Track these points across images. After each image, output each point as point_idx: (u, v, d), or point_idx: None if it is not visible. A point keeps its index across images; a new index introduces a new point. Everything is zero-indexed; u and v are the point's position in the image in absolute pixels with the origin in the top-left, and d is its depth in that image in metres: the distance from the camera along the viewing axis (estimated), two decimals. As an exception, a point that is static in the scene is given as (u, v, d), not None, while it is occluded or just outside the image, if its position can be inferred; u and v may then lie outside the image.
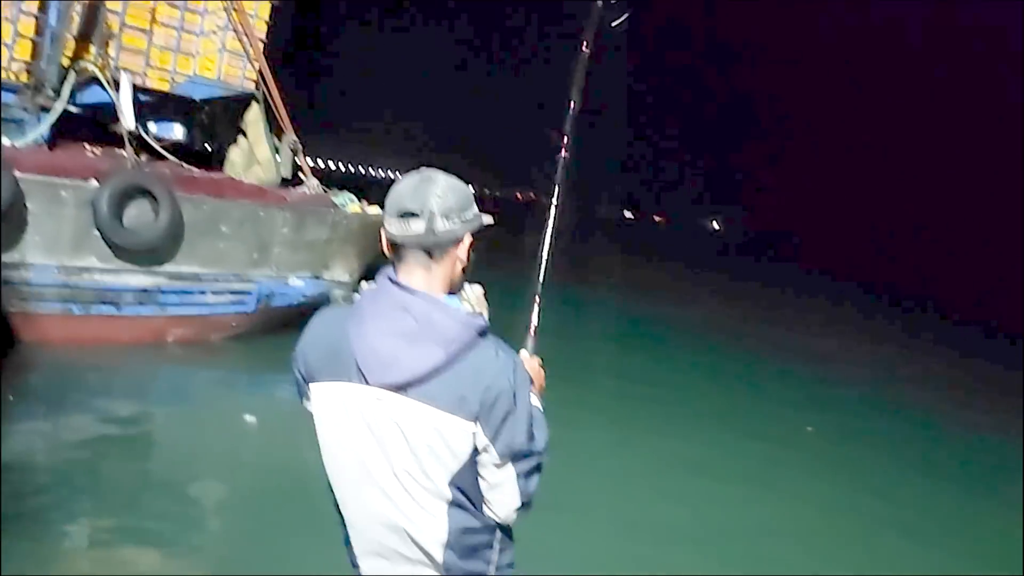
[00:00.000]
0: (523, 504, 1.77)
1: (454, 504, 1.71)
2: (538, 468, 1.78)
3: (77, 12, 8.05)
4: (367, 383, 1.68)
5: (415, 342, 1.65)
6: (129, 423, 6.04)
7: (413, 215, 1.70)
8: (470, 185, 1.87)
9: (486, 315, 1.82)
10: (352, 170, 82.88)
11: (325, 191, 9.80)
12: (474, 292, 1.86)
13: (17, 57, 7.77)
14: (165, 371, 7.45)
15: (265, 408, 6.75)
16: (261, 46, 9.43)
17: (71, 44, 8.08)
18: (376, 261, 9.98)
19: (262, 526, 4.53)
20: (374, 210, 9.90)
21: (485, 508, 1.76)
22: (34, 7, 7.80)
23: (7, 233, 6.66)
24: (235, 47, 9.28)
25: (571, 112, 2.61)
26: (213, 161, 9.82)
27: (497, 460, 1.70)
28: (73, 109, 8.07)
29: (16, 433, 5.40)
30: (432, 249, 1.72)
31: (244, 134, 9.55)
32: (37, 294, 6.98)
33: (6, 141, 7.41)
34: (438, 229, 1.70)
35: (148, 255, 7.48)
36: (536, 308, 2.29)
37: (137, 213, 7.32)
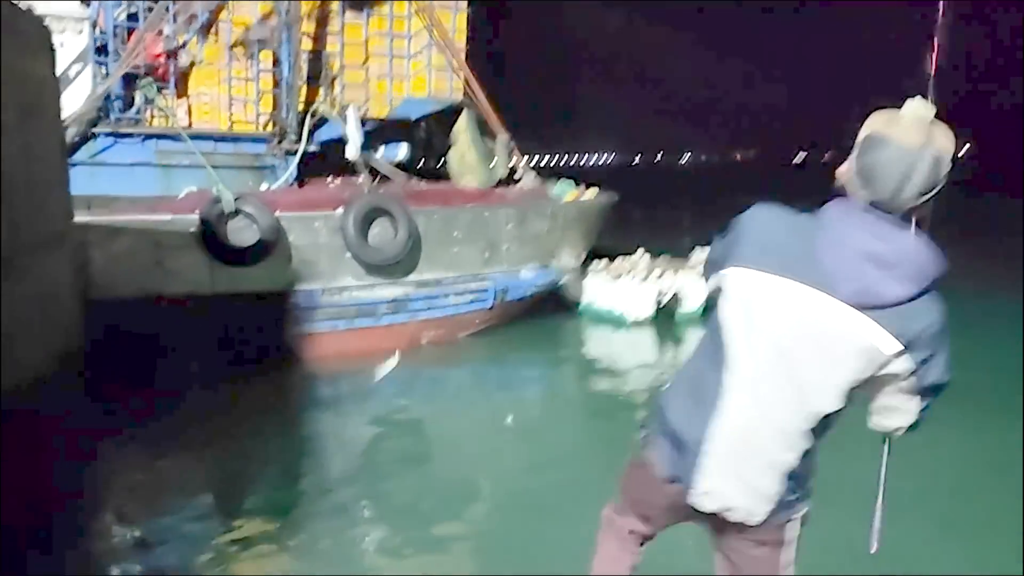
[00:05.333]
0: (914, 425, 1.95)
1: (831, 414, 1.87)
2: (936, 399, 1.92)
3: (304, 61, 8.96)
4: (826, 291, 1.80)
5: (890, 268, 1.76)
6: (401, 423, 6.60)
7: (886, 201, 1.77)
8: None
9: None
10: (567, 161, 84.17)
11: (541, 184, 10.14)
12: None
13: (262, 111, 8.79)
14: (424, 372, 8.07)
15: (516, 398, 7.15)
16: (463, 56, 9.94)
17: (303, 90, 9.02)
18: (598, 243, 10.21)
19: (528, 522, 4.59)
20: (590, 194, 10.10)
21: (874, 418, 1.98)
22: (268, 64, 8.78)
23: (278, 267, 7.56)
24: (440, 62, 9.86)
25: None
26: (436, 173, 10.48)
27: (911, 390, 1.86)
28: (312, 148, 8.97)
29: (305, 438, 6.17)
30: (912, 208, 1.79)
31: (455, 143, 10.11)
32: (308, 316, 7.85)
33: (264, 186, 8.42)
34: (906, 207, 1.77)
35: (394, 268, 8.16)
36: None
37: (379, 231, 8.02)
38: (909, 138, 1.74)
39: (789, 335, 1.85)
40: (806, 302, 1.82)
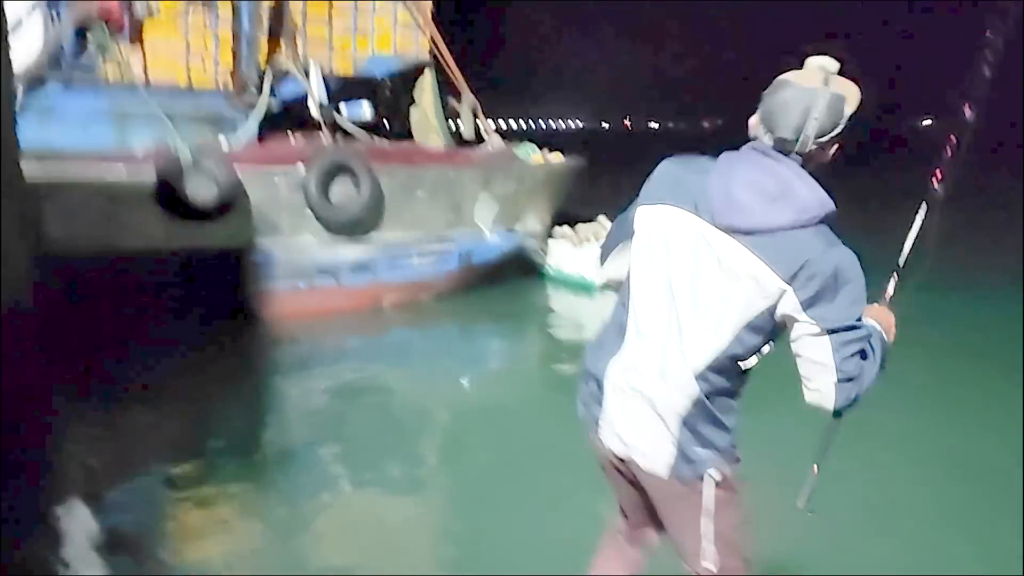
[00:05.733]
0: (842, 381, 1.84)
1: (725, 352, 1.88)
2: (861, 352, 1.85)
3: (264, 13, 8.71)
4: (711, 222, 1.88)
5: (773, 202, 1.82)
6: (365, 389, 6.53)
7: (786, 140, 1.87)
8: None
9: None
10: (535, 125, 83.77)
11: (507, 146, 10.04)
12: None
13: (221, 64, 8.55)
14: (386, 334, 8.01)
15: (481, 363, 7.14)
16: (429, 13, 9.75)
17: (263, 44, 8.77)
18: (564, 207, 10.15)
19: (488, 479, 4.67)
20: (556, 158, 10.03)
21: (805, 391, 1.91)
22: (228, 15, 8.52)
23: (236, 223, 7.40)
24: (406, 19, 9.65)
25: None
26: (400, 133, 10.31)
27: (813, 327, 1.82)
28: (273, 103, 8.76)
29: (266, 398, 6.09)
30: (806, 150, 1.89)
31: (418, 103, 9.96)
32: (268, 274, 7.72)
33: (223, 141, 8.21)
34: (808, 149, 1.88)
35: (356, 227, 8.04)
36: (904, 255, 2.29)
37: (341, 189, 7.88)
38: (809, 80, 1.87)
39: (679, 268, 1.92)
40: (694, 233, 1.90)
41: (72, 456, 4.82)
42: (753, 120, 1.94)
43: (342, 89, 9.65)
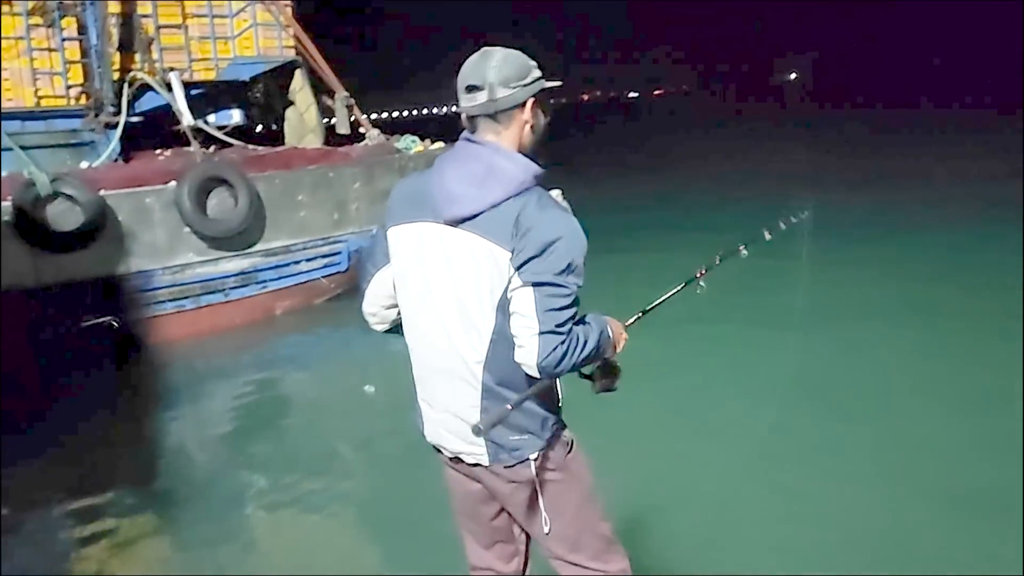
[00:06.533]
0: (544, 333, 1.83)
1: (497, 330, 1.92)
2: (566, 307, 1.85)
3: (113, 25, 8.29)
4: (439, 221, 1.95)
5: (481, 183, 1.90)
6: (261, 400, 6.40)
7: (476, 88, 1.94)
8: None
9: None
10: (420, 113, 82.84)
11: (386, 139, 9.91)
12: (555, 193, 2.02)
13: (72, 83, 8.10)
14: (280, 344, 7.81)
15: (381, 364, 7.02)
16: (290, 11, 9.50)
17: (117, 58, 8.36)
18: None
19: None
20: (438, 146, 9.97)
21: (516, 351, 1.89)
22: (73, 31, 8.06)
23: (107, 250, 7.06)
24: (266, 18, 9.37)
25: None
26: (277, 137, 10.05)
27: (518, 282, 1.86)
28: (135, 119, 8.38)
29: (164, 426, 5.84)
30: (497, 115, 1.95)
31: (294, 104, 9.72)
32: (150, 298, 7.41)
33: (84, 165, 7.81)
34: (498, 96, 1.93)
35: (238, 239, 7.79)
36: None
37: (218, 202, 7.61)
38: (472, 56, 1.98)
39: (433, 274, 1.98)
40: (427, 237, 1.98)
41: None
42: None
43: (208, 97, 9.33)
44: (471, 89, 1.95)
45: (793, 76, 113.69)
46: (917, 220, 11.12)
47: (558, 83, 2.06)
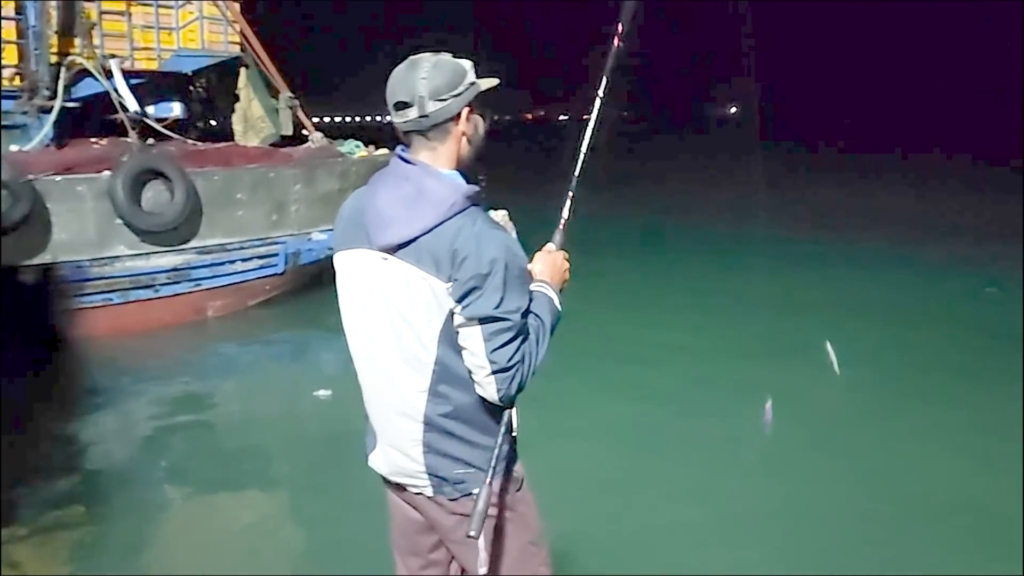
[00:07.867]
0: (496, 372, 1.77)
1: (439, 362, 1.83)
2: (512, 339, 1.77)
3: (54, 7, 8.06)
4: (374, 247, 1.84)
5: (411, 206, 1.79)
6: (188, 402, 6.23)
7: (405, 104, 1.82)
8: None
9: (512, 235, 1.91)
10: (364, 120, 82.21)
11: (330, 143, 9.85)
12: (499, 215, 1.96)
13: (7, 63, 7.84)
14: (211, 346, 7.64)
15: (312, 371, 6.96)
16: (238, 7, 9.39)
17: (55, 41, 8.12)
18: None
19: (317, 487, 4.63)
20: (382, 152, 9.94)
21: (475, 386, 1.83)
22: (11, 10, 7.82)
23: (34, 237, 6.84)
24: (213, 12, 9.24)
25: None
26: (220, 133, 9.89)
27: (462, 319, 1.77)
28: (71, 105, 8.15)
29: (86, 426, 5.63)
30: (429, 131, 1.84)
31: (239, 100, 9.60)
32: (75, 290, 7.19)
33: (14, 147, 7.55)
34: (430, 111, 1.81)
35: (172, 234, 7.62)
36: (568, 204, 2.17)
37: (153, 195, 7.44)
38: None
39: (365, 301, 1.90)
40: (364, 267, 1.88)
41: None
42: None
43: (151, 88, 9.12)
44: (400, 106, 1.82)
45: (733, 111, 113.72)
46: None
47: (495, 81, 1.91)
